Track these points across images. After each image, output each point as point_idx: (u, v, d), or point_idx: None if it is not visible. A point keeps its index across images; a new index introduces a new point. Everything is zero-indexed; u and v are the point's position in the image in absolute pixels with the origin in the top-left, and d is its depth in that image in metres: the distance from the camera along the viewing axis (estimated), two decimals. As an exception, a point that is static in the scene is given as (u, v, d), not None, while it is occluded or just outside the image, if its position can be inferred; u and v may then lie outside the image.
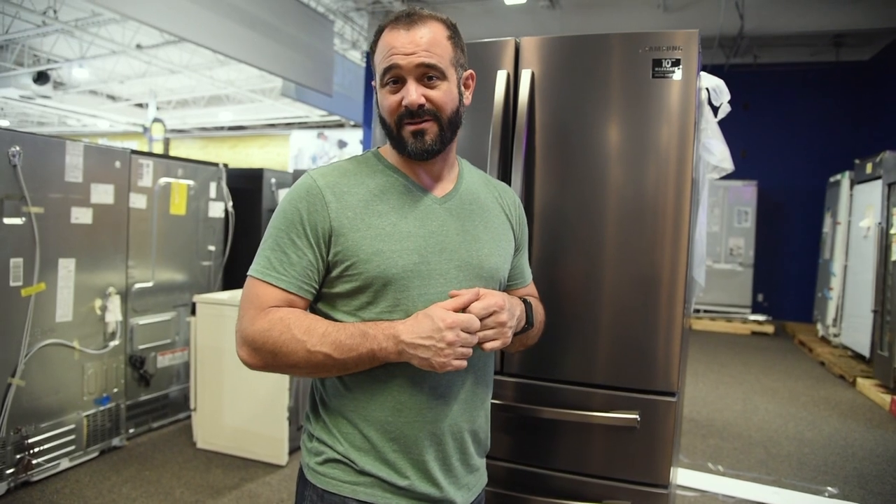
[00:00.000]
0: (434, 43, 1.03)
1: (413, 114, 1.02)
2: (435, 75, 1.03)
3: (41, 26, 8.48)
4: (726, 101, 1.79)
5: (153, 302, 3.55)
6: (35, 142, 2.81)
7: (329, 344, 0.96)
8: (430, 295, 1.04)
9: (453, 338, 0.93)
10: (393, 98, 1.04)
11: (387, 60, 1.02)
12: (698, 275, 1.86)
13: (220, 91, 12.47)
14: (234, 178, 4.15)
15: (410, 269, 1.03)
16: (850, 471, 3.40)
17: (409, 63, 1.01)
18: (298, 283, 1.02)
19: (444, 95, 1.04)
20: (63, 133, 15.70)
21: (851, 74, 8.07)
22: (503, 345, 1.04)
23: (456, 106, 1.07)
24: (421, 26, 1.03)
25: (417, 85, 1.02)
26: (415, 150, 1.05)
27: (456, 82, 1.07)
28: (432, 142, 1.05)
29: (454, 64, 1.06)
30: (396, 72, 1.02)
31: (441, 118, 1.05)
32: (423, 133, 1.04)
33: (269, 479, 3.04)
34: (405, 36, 1.02)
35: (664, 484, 1.53)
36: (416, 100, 1.01)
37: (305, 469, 1.10)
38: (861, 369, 5.36)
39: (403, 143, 1.05)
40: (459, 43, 1.09)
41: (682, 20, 7.11)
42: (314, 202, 1.03)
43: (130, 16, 5.29)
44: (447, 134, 1.07)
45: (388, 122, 1.06)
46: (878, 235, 5.13)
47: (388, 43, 1.03)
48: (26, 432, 2.79)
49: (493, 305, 1.00)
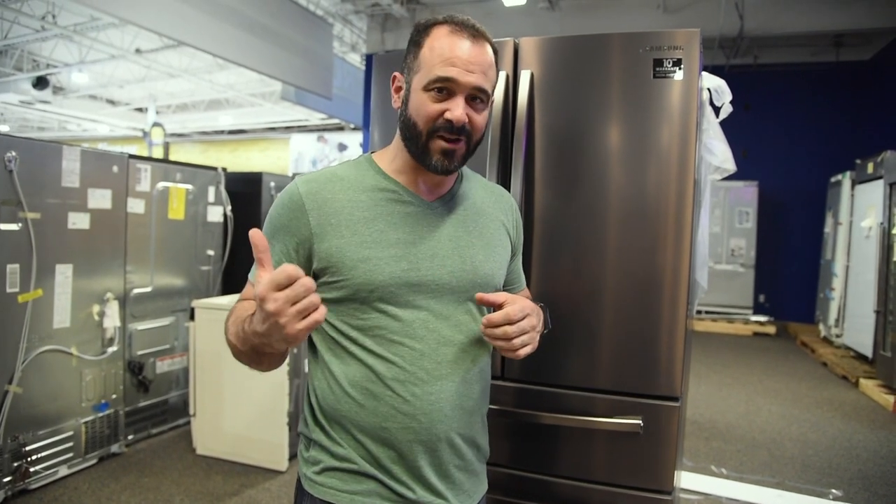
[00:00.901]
0: (490, 66, 1.03)
1: (453, 129, 1.00)
2: (481, 98, 1.02)
3: (40, 31, 8.48)
4: (728, 102, 1.77)
5: (152, 307, 3.53)
6: (31, 147, 2.79)
7: (234, 333, 0.97)
8: (422, 301, 1.03)
9: (274, 307, 0.79)
10: (435, 107, 1.00)
11: (443, 69, 0.99)
12: (700, 277, 1.84)
13: (219, 95, 12.47)
14: (232, 182, 4.14)
15: (398, 275, 1.01)
16: (855, 472, 3.38)
17: (468, 82, 0.99)
18: None
19: (482, 120, 1.04)
20: (63, 138, 15.71)
21: (852, 74, 8.06)
22: (533, 350, 1.02)
23: (485, 131, 1.07)
24: (483, 44, 1.02)
25: (465, 103, 1.01)
26: (439, 168, 1.03)
27: (490, 107, 1.08)
28: (458, 163, 1.05)
29: (493, 89, 1.07)
30: (450, 84, 0.99)
31: (471, 141, 1.04)
32: (454, 154, 1.03)
33: (268, 485, 3.01)
34: (468, 50, 0.99)
35: (668, 490, 1.51)
36: (463, 118, 0.99)
37: (303, 479, 1.09)
38: (864, 370, 5.33)
39: (429, 156, 1.02)
40: (499, 69, 1.11)
41: (682, 21, 7.10)
42: (294, 209, 1.03)
43: (129, 20, 5.28)
44: (469, 156, 1.07)
45: (419, 127, 1.02)
46: (880, 235, 5.11)
47: (449, 50, 0.99)
48: (24, 440, 2.77)
49: (526, 308, 0.99)
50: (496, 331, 0.97)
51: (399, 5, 7.75)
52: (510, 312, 0.97)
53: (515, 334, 0.97)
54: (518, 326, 0.97)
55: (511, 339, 0.97)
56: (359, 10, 8.42)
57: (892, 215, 4.86)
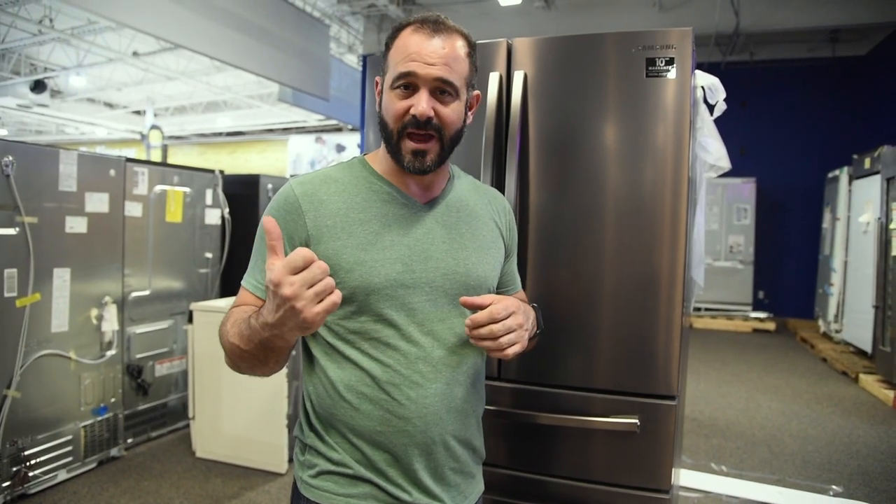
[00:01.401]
0: (455, 58, 1.01)
1: (419, 124, 1.00)
2: (449, 91, 1.01)
3: (37, 35, 8.47)
4: (722, 100, 1.77)
5: (150, 310, 3.53)
6: (28, 151, 2.79)
7: (237, 334, 0.93)
8: (415, 304, 1.02)
9: (291, 291, 0.77)
10: (401, 104, 1.00)
11: (404, 65, 0.99)
12: (697, 275, 1.84)
13: (217, 97, 12.46)
14: (230, 185, 4.14)
15: (394, 278, 1.01)
16: (855, 468, 3.38)
17: (428, 74, 0.98)
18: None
19: (452, 113, 1.02)
20: (61, 141, 15.71)
21: (848, 70, 8.06)
22: (522, 349, 1.01)
23: (460, 126, 1.06)
24: (445, 37, 1.01)
25: (429, 97, 1.00)
26: (412, 168, 1.03)
27: (465, 101, 1.06)
28: (431, 163, 1.03)
29: (467, 83, 1.05)
30: (412, 79, 0.99)
31: (444, 136, 1.03)
32: (425, 154, 1.02)
33: (268, 487, 3.02)
34: (428, 44, 0.99)
35: (665, 489, 1.51)
36: (426, 111, 0.98)
37: (299, 482, 1.09)
38: (863, 365, 5.34)
39: (401, 156, 1.03)
40: (476, 62, 1.08)
41: (678, 19, 7.10)
42: (290, 211, 1.02)
43: (126, 24, 5.28)
44: (446, 153, 1.05)
45: (390, 127, 1.03)
46: (878, 230, 5.11)
47: (409, 46, 1.00)
48: (22, 444, 2.77)
49: (511, 306, 0.99)
50: (482, 331, 0.97)
51: (395, 6, 7.75)
52: (494, 311, 0.96)
53: (501, 333, 0.96)
54: (503, 325, 0.97)
55: (497, 338, 0.97)
56: (355, 11, 8.42)
57: (889, 210, 4.86)
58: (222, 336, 0.98)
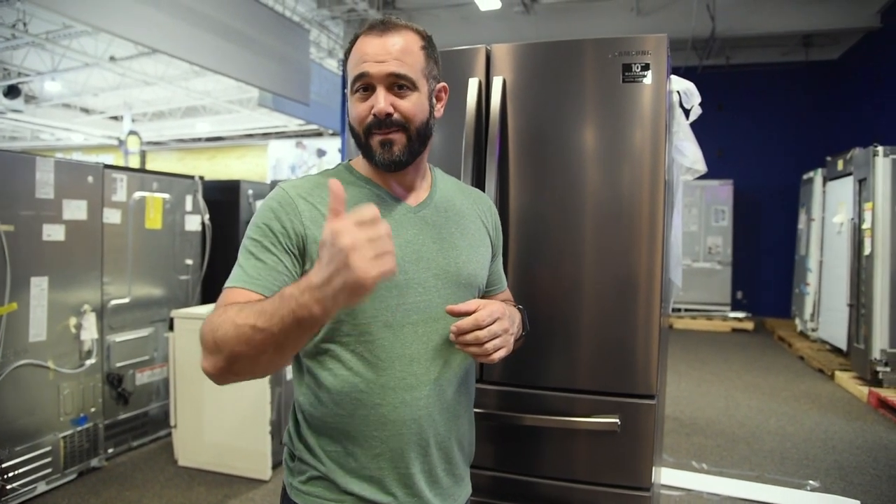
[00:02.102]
0: (406, 52, 1.02)
1: (381, 123, 1.01)
2: (405, 85, 1.02)
3: (10, 39, 8.32)
4: (697, 104, 1.81)
5: (130, 318, 3.49)
6: (3, 158, 2.75)
7: (253, 314, 0.82)
8: (408, 304, 1.03)
9: (351, 241, 0.72)
10: (362, 106, 1.03)
11: (358, 68, 1.02)
12: (675, 276, 1.88)
13: (196, 102, 12.35)
14: (210, 191, 4.11)
15: (387, 279, 1.01)
16: (831, 463, 3.45)
17: (380, 71, 1.00)
18: (268, 284, 0.95)
19: (413, 106, 1.03)
20: (36, 147, 15.44)
21: (821, 73, 8.24)
22: (507, 353, 1.02)
23: (426, 117, 1.06)
24: (394, 34, 1.02)
25: (387, 93, 1.01)
26: (382, 161, 1.04)
27: (427, 94, 1.06)
28: (400, 153, 1.03)
29: (426, 75, 1.06)
30: (367, 80, 1.01)
31: (409, 129, 1.03)
32: (392, 143, 1.03)
33: (252, 494, 3.00)
34: (377, 44, 1.01)
35: (646, 486, 1.53)
36: (385, 108, 1.00)
37: (289, 488, 1.09)
38: (839, 362, 5.45)
39: (371, 152, 1.04)
40: (433, 54, 1.08)
41: (656, 23, 7.20)
42: (288, 210, 1.01)
43: (102, 28, 5.22)
44: (416, 145, 1.06)
45: (356, 130, 1.05)
46: (851, 231, 5.23)
47: (361, 50, 1.02)
48: (0, 456, 2.72)
49: (496, 311, 0.99)
50: (467, 337, 0.97)
51: (375, 10, 7.77)
52: (479, 318, 0.97)
53: (486, 339, 0.97)
54: (489, 331, 0.97)
55: (483, 344, 0.97)
56: (335, 15, 8.42)
57: (861, 211, 4.98)
58: (220, 325, 0.85)
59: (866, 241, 4.82)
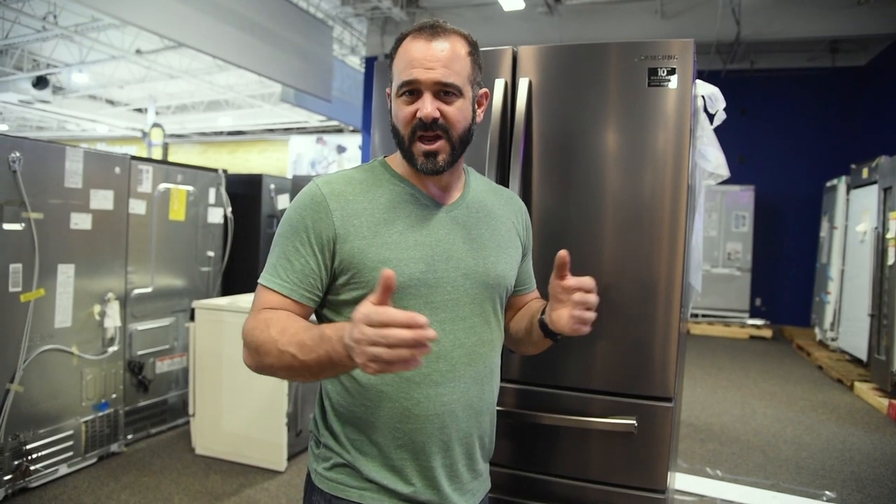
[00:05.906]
0: (454, 59, 1.03)
1: (426, 126, 1.03)
2: (452, 91, 1.03)
3: (41, 31, 8.50)
4: (722, 109, 1.81)
5: (152, 307, 3.56)
6: (35, 148, 2.82)
7: (295, 344, 0.91)
8: (437, 303, 1.05)
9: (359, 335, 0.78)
10: (408, 109, 1.04)
11: (406, 73, 1.03)
12: (695, 280, 1.87)
13: (219, 96, 12.49)
14: (233, 184, 4.17)
15: (417, 277, 1.03)
16: (848, 475, 3.41)
17: (428, 79, 1.01)
18: (298, 289, 1.02)
19: (458, 112, 1.04)
20: (62, 138, 15.71)
21: (848, 80, 8.11)
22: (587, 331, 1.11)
23: (469, 124, 1.08)
24: (443, 40, 1.03)
25: (433, 99, 1.02)
26: (425, 169, 1.06)
27: (471, 100, 1.08)
28: (444, 162, 1.06)
29: (471, 81, 1.07)
30: (415, 85, 1.03)
31: (452, 135, 1.05)
32: (436, 155, 1.05)
33: (267, 484, 3.04)
34: (426, 49, 1.02)
35: (661, 489, 1.54)
36: (432, 113, 1.01)
37: (313, 474, 1.11)
38: (859, 373, 5.37)
39: (414, 159, 1.06)
40: (478, 60, 1.10)
41: (680, 27, 7.14)
42: (318, 209, 1.04)
43: (130, 21, 5.31)
44: (458, 152, 1.08)
45: (401, 132, 1.06)
46: (875, 240, 5.15)
47: (409, 54, 1.03)
48: (24, 438, 2.79)
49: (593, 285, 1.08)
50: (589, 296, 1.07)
51: (399, 9, 7.79)
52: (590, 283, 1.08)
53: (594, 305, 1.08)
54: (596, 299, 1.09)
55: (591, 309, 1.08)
56: (359, 13, 8.46)
57: (886, 220, 4.90)
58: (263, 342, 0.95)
59: (890, 250, 4.75)
